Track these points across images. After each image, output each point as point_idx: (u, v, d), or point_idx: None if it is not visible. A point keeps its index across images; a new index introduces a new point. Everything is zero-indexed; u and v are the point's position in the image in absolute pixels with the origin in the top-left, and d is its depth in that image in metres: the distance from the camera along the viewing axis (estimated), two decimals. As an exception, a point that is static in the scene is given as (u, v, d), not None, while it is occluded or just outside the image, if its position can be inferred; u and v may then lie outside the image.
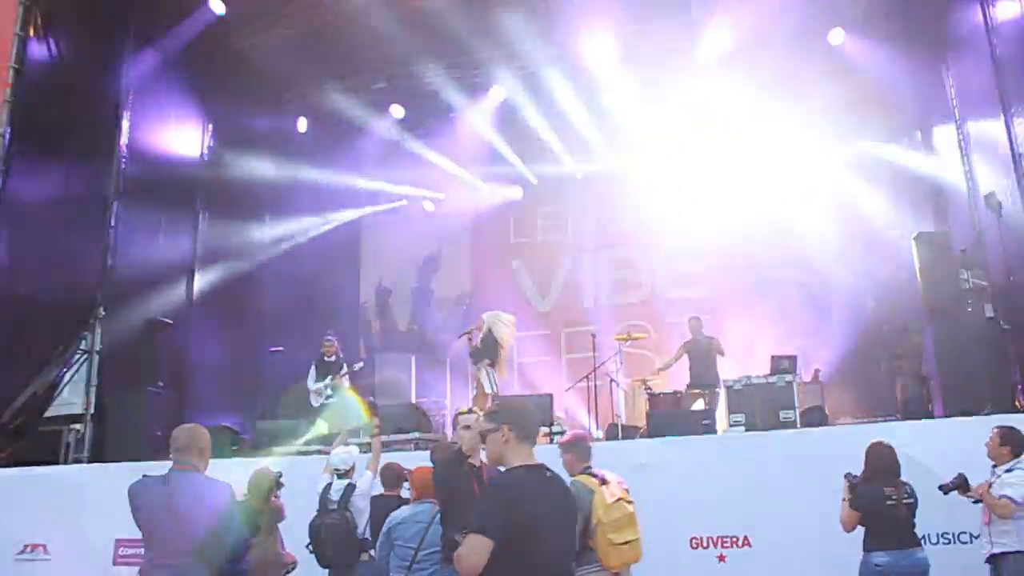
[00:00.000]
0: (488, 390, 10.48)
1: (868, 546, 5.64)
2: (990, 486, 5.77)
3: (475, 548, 3.22)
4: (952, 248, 9.18)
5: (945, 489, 5.87)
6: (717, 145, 14.87)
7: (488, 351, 10.56)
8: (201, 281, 13.35)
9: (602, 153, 15.56)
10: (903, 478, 5.75)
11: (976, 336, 8.37)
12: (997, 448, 5.97)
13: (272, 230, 15.42)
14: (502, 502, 3.32)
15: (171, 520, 4.34)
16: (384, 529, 5.53)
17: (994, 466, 5.95)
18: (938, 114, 12.08)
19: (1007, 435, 5.98)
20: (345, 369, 11.81)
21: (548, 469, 3.51)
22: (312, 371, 11.82)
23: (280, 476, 6.47)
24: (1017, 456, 5.89)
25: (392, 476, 6.67)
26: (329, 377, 11.62)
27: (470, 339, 10.78)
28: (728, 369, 11.42)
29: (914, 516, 5.65)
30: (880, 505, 5.59)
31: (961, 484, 5.81)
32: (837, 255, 14.26)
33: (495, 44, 13.78)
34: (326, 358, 11.83)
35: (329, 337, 12.09)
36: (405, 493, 6.33)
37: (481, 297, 16.66)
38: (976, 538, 6.40)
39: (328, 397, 11.53)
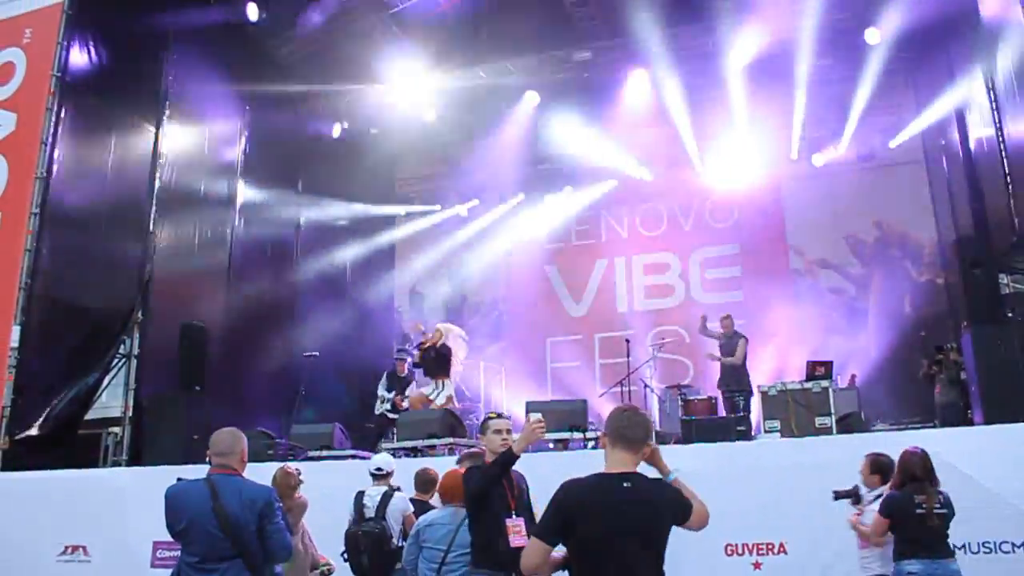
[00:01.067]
0: (438, 401, 10.43)
1: (898, 554, 5.53)
2: (860, 513, 5.85)
3: (529, 551, 3.40)
4: (992, 252, 9.04)
5: (836, 495, 6.01)
6: (752, 147, 14.82)
7: (442, 363, 10.50)
8: (238, 286, 13.48)
9: (635, 158, 15.54)
10: (942, 488, 5.63)
11: (1017, 341, 8.23)
12: (868, 475, 6.06)
13: (308, 235, 15.54)
14: (557, 508, 3.35)
15: (216, 523, 4.32)
16: (413, 532, 5.52)
17: (867, 491, 6.01)
18: (977, 112, 11.90)
19: (875, 462, 6.07)
20: (408, 391, 11.89)
21: (629, 478, 3.39)
22: (384, 379, 11.95)
23: (299, 473, 6.56)
24: (886, 483, 5.91)
25: (426, 481, 6.69)
26: (392, 392, 11.70)
27: (422, 349, 10.67)
28: (763, 374, 11.34)
29: (947, 527, 5.50)
30: (908, 512, 5.47)
31: (852, 496, 5.92)
32: (874, 259, 14.15)
33: (531, 48, 13.85)
34: (399, 373, 11.91)
35: (402, 354, 12.16)
36: (434, 501, 6.35)
37: (514, 302, 16.72)
38: (1018, 547, 6.31)
39: (388, 410, 11.58)
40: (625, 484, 3.37)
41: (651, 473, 3.57)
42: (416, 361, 10.78)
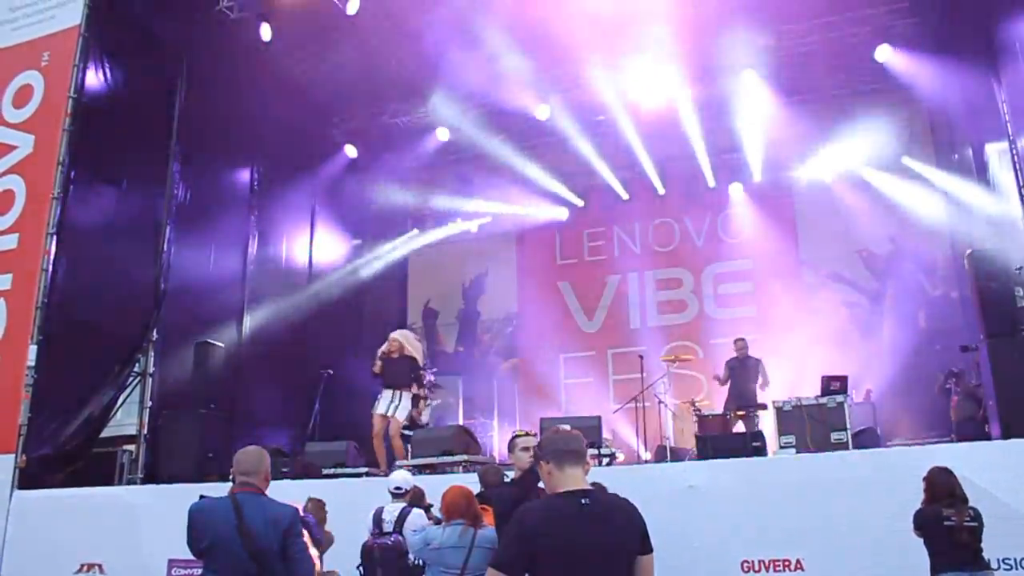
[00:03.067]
0: (399, 416, 10.21)
1: (935, 569, 5.54)
2: None
3: None
4: (1007, 266, 8.98)
5: None
6: (764, 161, 14.85)
7: (403, 373, 10.34)
8: (252, 303, 13.55)
9: (646, 172, 15.56)
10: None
11: (1033, 355, 8.17)
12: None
13: (322, 252, 15.61)
14: (515, 536, 3.22)
15: (240, 543, 4.27)
16: (422, 539, 5.45)
17: None
18: (990, 130, 11.89)
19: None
20: (431, 401, 11.87)
21: (587, 494, 3.29)
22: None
23: (325, 505, 6.62)
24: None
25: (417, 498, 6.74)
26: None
27: (383, 360, 10.47)
28: (778, 390, 11.30)
29: (979, 540, 5.51)
30: (938, 525, 5.49)
31: None
32: (888, 273, 14.09)
33: (537, 65, 13.91)
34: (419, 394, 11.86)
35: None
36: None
37: (527, 319, 16.72)
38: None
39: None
40: (584, 501, 3.25)
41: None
42: (375, 371, 10.53)
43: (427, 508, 6.67)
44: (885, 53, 12.77)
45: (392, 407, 10.24)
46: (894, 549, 5.91)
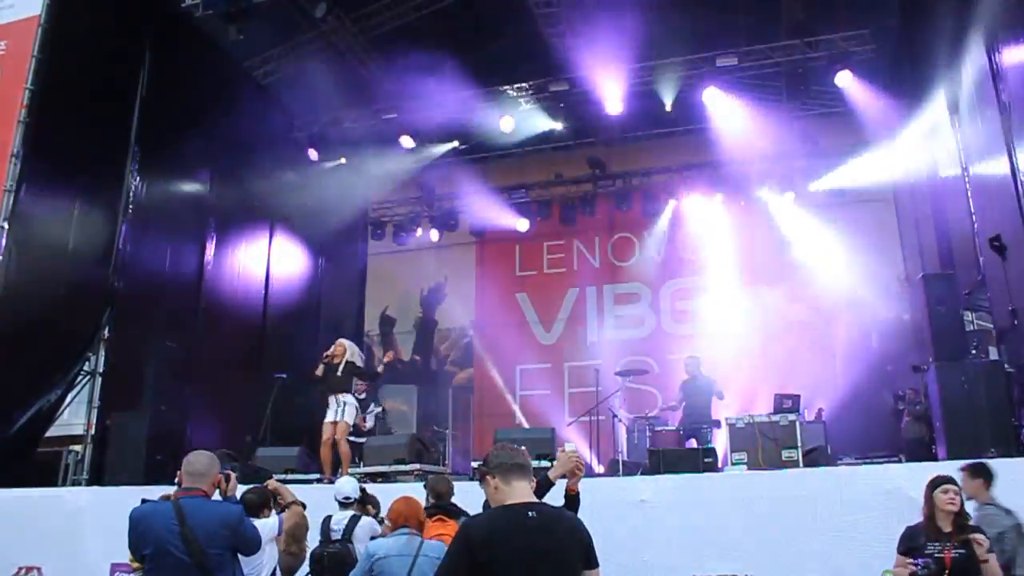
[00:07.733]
0: (347, 419, 10.16)
1: None
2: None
3: None
4: (957, 290, 9.16)
5: None
6: (722, 181, 15.01)
7: (345, 379, 10.34)
8: (207, 305, 13.37)
9: (607, 186, 15.65)
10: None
11: (980, 378, 8.32)
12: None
13: (280, 256, 15.46)
14: (460, 548, 3.21)
15: (183, 548, 4.20)
16: (364, 559, 5.38)
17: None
18: (944, 157, 12.14)
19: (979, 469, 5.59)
20: (372, 408, 11.80)
21: (534, 508, 3.30)
22: None
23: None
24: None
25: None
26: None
27: (327, 365, 10.43)
28: (731, 407, 11.38)
29: None
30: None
31: None
32: (842, 294, 14.28)
33: (506, 73, 13.98)
34: (358, 395, 11.75)
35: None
36: None
37: (485, 329, 16.70)
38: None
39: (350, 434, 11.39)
40: (530, 514, 3.26)
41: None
42: (317, 375, 10.45)
43: (380, 519, 6.61)
44: (845, 79, 12.97)
45: (338, 412, 10.17)
46: (841, 566, 5.95)
